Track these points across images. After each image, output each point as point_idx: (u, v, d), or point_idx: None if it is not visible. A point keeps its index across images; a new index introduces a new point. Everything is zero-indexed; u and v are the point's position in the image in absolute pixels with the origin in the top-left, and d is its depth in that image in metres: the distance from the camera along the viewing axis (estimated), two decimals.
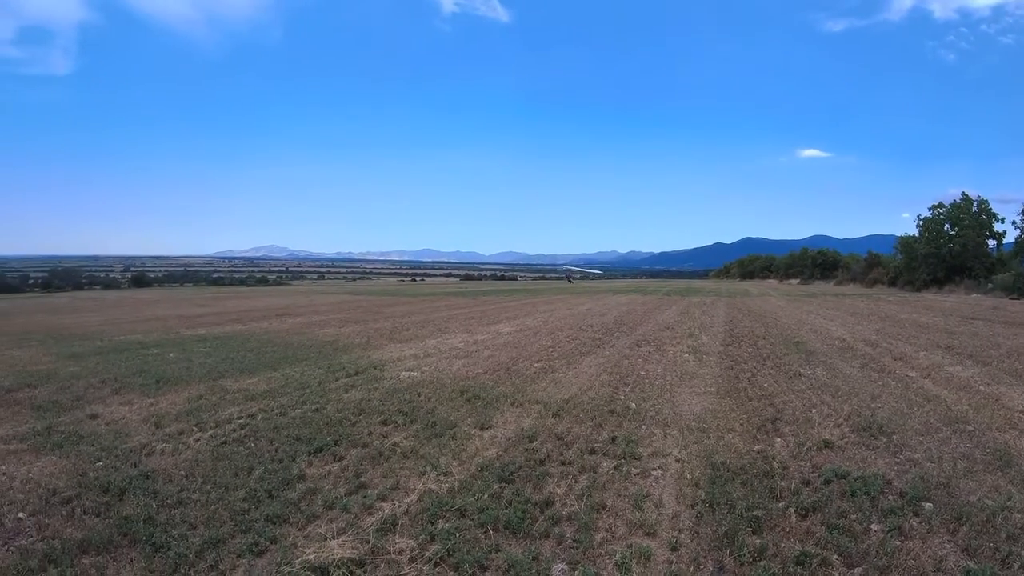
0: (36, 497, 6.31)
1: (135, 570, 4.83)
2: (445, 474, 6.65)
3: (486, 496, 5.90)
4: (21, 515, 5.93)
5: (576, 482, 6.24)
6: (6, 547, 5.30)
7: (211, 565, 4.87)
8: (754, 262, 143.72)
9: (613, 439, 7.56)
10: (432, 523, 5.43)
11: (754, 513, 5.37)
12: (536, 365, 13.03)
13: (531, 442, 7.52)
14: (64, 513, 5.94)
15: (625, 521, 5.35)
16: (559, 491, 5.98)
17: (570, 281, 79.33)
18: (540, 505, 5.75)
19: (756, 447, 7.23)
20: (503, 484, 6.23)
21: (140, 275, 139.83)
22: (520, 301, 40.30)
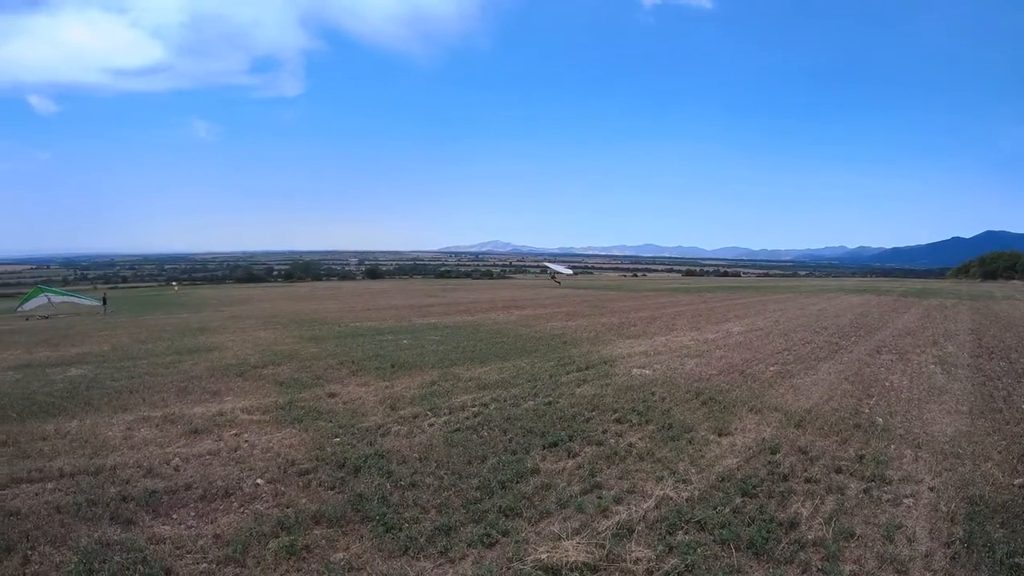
0: (274, 466, 7.83)
1: (364, 547, 5.69)
2: (683, 481, 7.08)
3: (727, 510, 6.22)
4: (259, 481, 7.39)
5: (823, 503, 6.58)
6: (242, 509, 6.66)
7: (441, 551, 5.55)
8: (997, 260, 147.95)
9: (860, 457, 8.00)
10: (670, 534, 5.76)
11: (1016, 560, 5.40)
12: (772, 369, 13.91)
13: (773, 454, 8.11)
14: (300, 484, 7.27)
15: (875, 554, 5.53)
16: (804, 512, 6.33)
17: (558, 282, 77.33)
18: (784, 525, 5.94)
19: (1017, 480, 7.29)
20: (745, 498, 6.57)
21: (373, 267, 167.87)
22: (747, 299, 43.02)
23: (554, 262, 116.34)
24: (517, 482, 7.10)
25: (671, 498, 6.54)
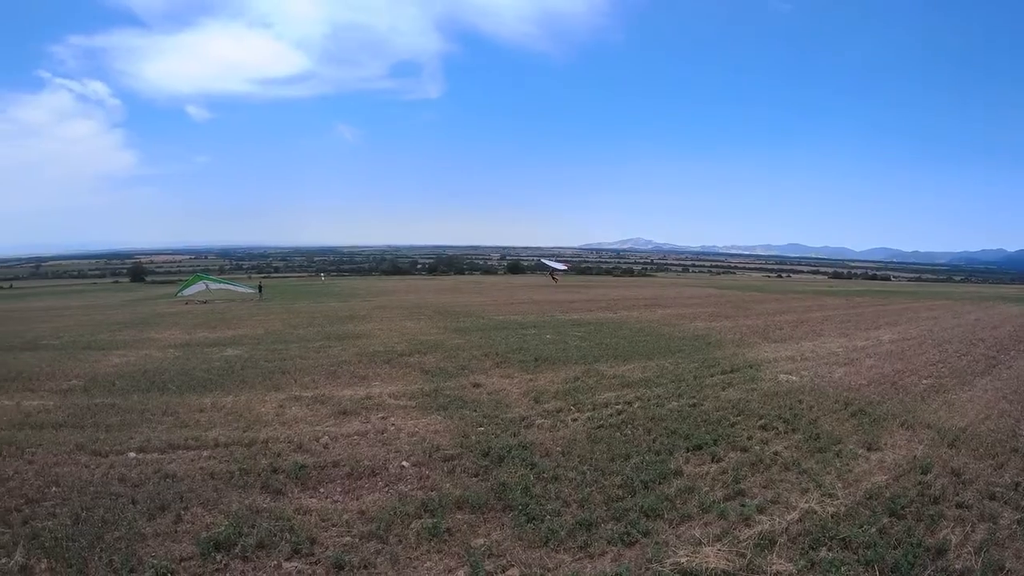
0: (420, 450, 8.23)
1: (505, 535, 5.85)
2: (829, 496, 6.86)
3: (873, 529, 6.09)
4: (405, 463, 7.80)
5: (973, 531, 6.28)
6: (387, 489, 7.06)
7: (580, 546, 5.63)
8: None
9: (1016, 485, 7.53)
10: (813, 549, 5.61)
11: None
12: (924, 382, 13.34)
13: (924, 474, 7.79)
14: (445, 469, 7.58)
15: None
16: (954, 539, 6.07)
17: (555, 279, 70.04)
18: (932, 551, 5.71)
19: None
20: (892, 519, 6.39)
21: (515, 263, 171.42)
22: (898, 305, 41.57)
23: (552, 259, 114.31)
24: (660, 483, 7.12)
25: (816, 512, 6.42)
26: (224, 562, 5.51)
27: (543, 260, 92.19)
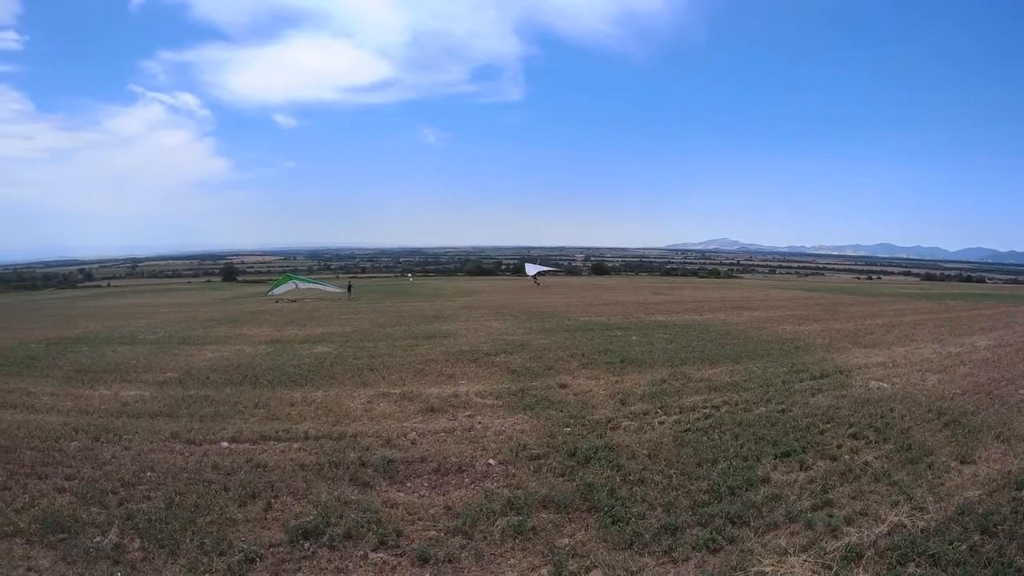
0: (506, 448, 8.32)
1: (589, 535, 5.88)
2: (920, 509, 6.63)
3: (964, 547, 5.91)
4: (491, 461, 7.90)
5: None
6: (474, 486, 7.20)
7: (665, 550, 5.60)
8: None
9: None
10: (901, 564, 5.45)
11: None
12: (1022, 392, 12.70)
13: (1019, 490, 7.46)
14: (531, 468, 7.64)
15: None
16: None
17: (537, 283, 66.01)
18: None
19: None
20: (984, 536, 6.18)
21: (599, 263, 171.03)
22: (994, 309, 38.46)
23: (534, 262, 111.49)
24: (746, 489, 7.02)
25: (905, 526, 6.22)
26: (312, 550, 5.75)
27: (527, 265, 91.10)
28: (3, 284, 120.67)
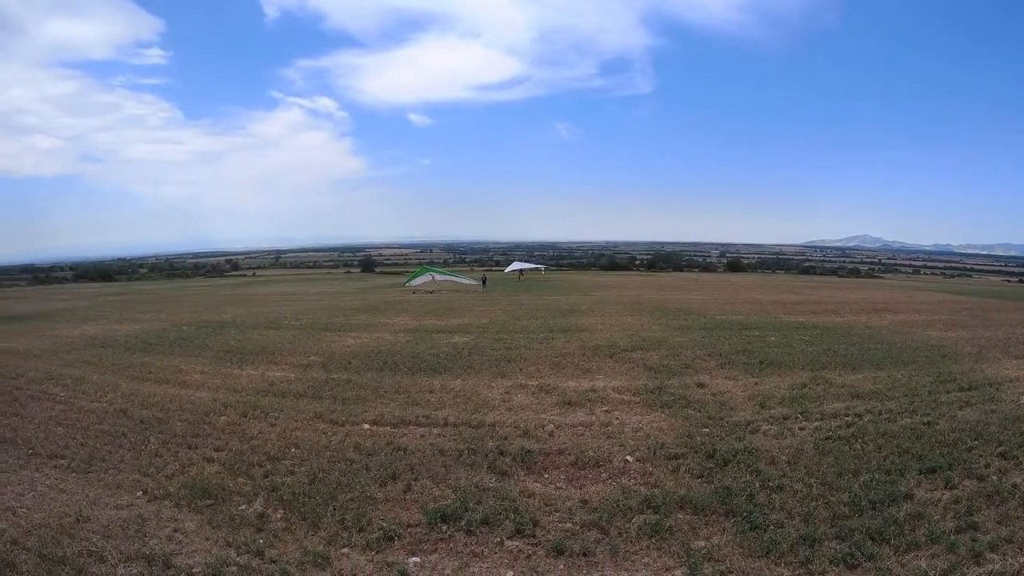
0: (644, 446, 8.34)
1: (726, 539, 5.81)
2: None
3: None
4: (629, 458, 7.95)
5: None
6: (610, 481, 7.27)
7: (802, 561, 5.43)
8: None
9: None
10: None
11: None
12: None
13: None
14: (668, 467, 7.63)
15: None
16: None
17: (519, 279, 69.75)
18: None
19: None
20: None
21: (734, 260, 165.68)
22: None
23: (525, 259, 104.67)
24: (888, 505, 6.63)
25: None
26: (449, 533, 6.03)
27: (516, 263, 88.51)
28: (156, 272, 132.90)
